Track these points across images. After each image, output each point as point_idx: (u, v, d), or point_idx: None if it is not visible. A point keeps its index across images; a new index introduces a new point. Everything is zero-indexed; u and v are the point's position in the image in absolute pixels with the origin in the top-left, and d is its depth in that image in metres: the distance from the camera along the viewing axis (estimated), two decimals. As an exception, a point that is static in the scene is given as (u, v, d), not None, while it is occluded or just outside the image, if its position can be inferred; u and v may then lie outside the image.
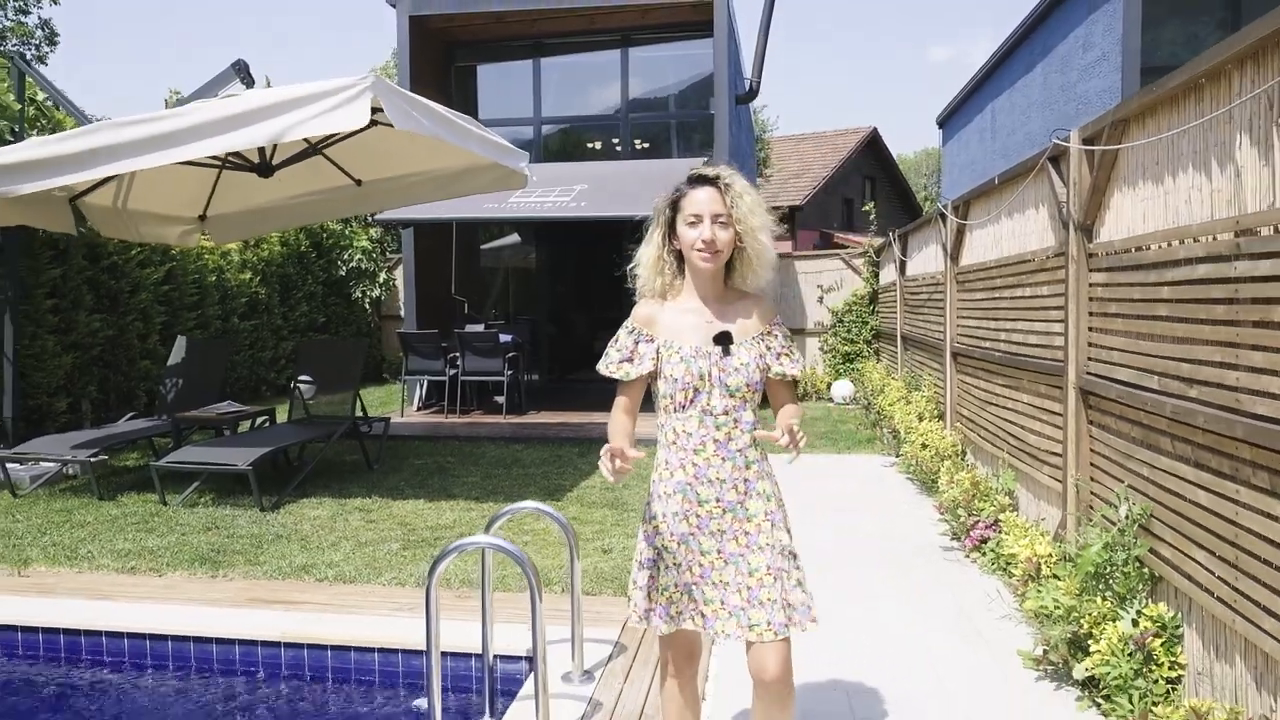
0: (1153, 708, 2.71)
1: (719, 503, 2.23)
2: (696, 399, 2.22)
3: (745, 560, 2.22)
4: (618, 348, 2.31)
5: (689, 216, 2.20)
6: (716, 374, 2.21)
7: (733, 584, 2.22)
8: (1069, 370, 4.02)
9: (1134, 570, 3.25)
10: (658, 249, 2.30)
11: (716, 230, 2.18)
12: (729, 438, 2.22)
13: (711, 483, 2.23)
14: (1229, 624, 2.66)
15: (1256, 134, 2.51)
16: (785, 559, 2.24)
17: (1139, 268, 3.30)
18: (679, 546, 2.25)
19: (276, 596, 4.36)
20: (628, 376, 2.28)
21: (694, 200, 2.20)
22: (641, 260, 2.33)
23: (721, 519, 2.23)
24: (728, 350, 2.21)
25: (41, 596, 4.40)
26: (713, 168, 2.25)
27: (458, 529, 5.47)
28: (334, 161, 7.36)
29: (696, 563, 2.25)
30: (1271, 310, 2.40)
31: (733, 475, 2.23)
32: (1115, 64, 9.13)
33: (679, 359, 2.22)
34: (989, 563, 4.64)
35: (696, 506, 2.24)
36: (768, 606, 2.18)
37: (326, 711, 3.71)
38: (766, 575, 2.20)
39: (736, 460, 2.23)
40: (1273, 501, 2.41)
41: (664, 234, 2.29)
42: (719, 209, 2.18)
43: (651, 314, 2.29)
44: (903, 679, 3.37)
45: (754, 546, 2.22)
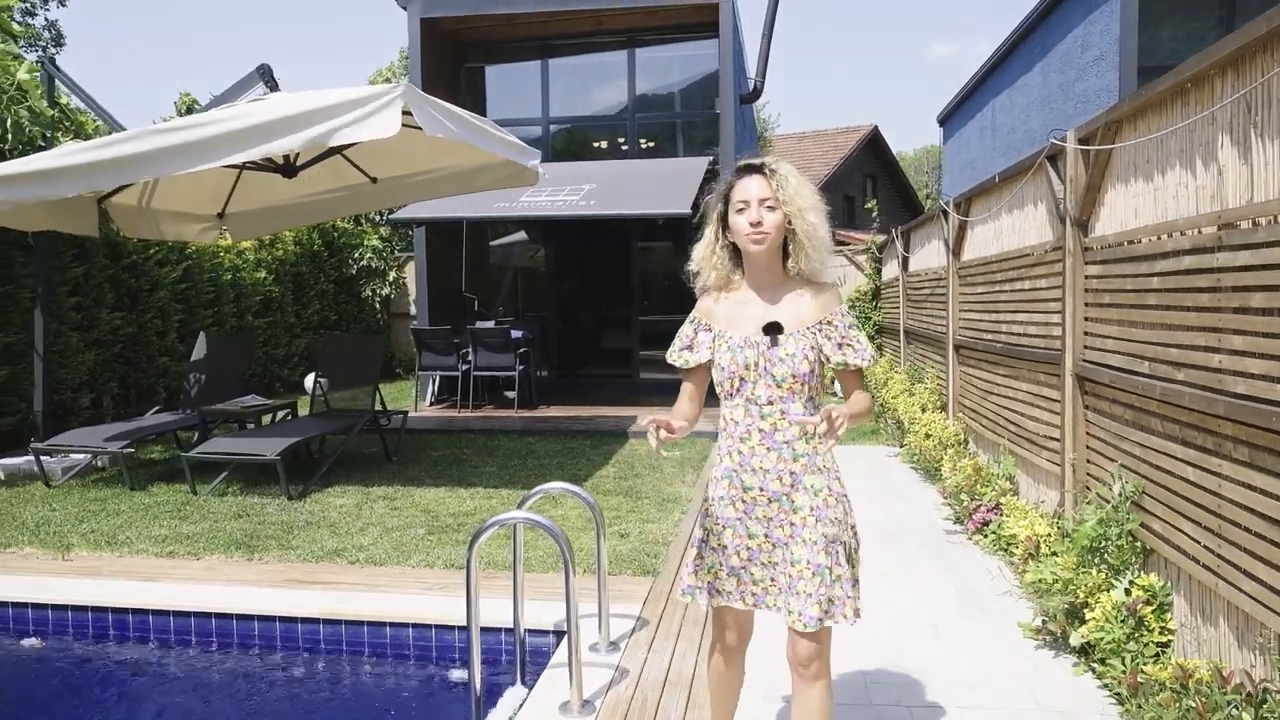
0: (1143, 668, 2.92)
1: (763, 491, 2.25)
2: (742, 388, 2.25)
3: (789, 549, 2.24)
4: (680, 337, 2.38)
5: (738, 204, 2.23)
6: (763, 364, 2.23)
7: (780, 565, 2.25)
8: (1066, 358, 4.24)
9: (1127, 543, 3.46)
10: (711, 243, 2.33)
11: (764, 212, 2.20)
12: (774, 428, 2.24)
13: (755, 471, 2.25)
14: (1213, 589, 2.87)
15: (1236, 134, 2.72)
16: (829, 555, 2.22)
17: (1131, 260, 3.51)
18: (725, 530, 2.29)
19: (312, 577, 4.58)
20: (686, 364, 2.35)
21: (742, 188, 2.23)
22: (696, 256, 2.36)
23: (768, 507, 2.25)
24: (775, 341, 2.22)
25: (87, 578, 4.61)
26: (758, 157, 2.30)
27: (479, 515, 5.68)
28: (351, 160, 7.58)
29: (744, 546, 2.28)
30: (1250, 297, 2.61)
31: (777, 466, 2.24)
32: (1113, 63, 9.34)
33: (727, 348, 2.27)
34: (991, 544, 4.85)
35: (742, 492, 2.27)
36: (802, 598, 2.19)
37: (366, 682, 3.93)
38: (806, 569, 2.21)
39: (783, 452, 2.23)
40: (1252, 473, 2.63)
41: (717, 229, 2.32)
42: (766, 193, 2.20)
43: (710, 305, 2.35)
44: (910, 650, 3.59)
45: (799, 539, 2.23)
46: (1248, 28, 2.59)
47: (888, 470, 7.16)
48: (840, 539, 2.25)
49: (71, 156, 5.44)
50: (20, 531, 5.43)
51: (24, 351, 8.36)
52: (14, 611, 4.40)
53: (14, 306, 8.29)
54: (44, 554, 5.04)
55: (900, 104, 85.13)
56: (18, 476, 6.99)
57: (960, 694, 3.19)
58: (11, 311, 8.26)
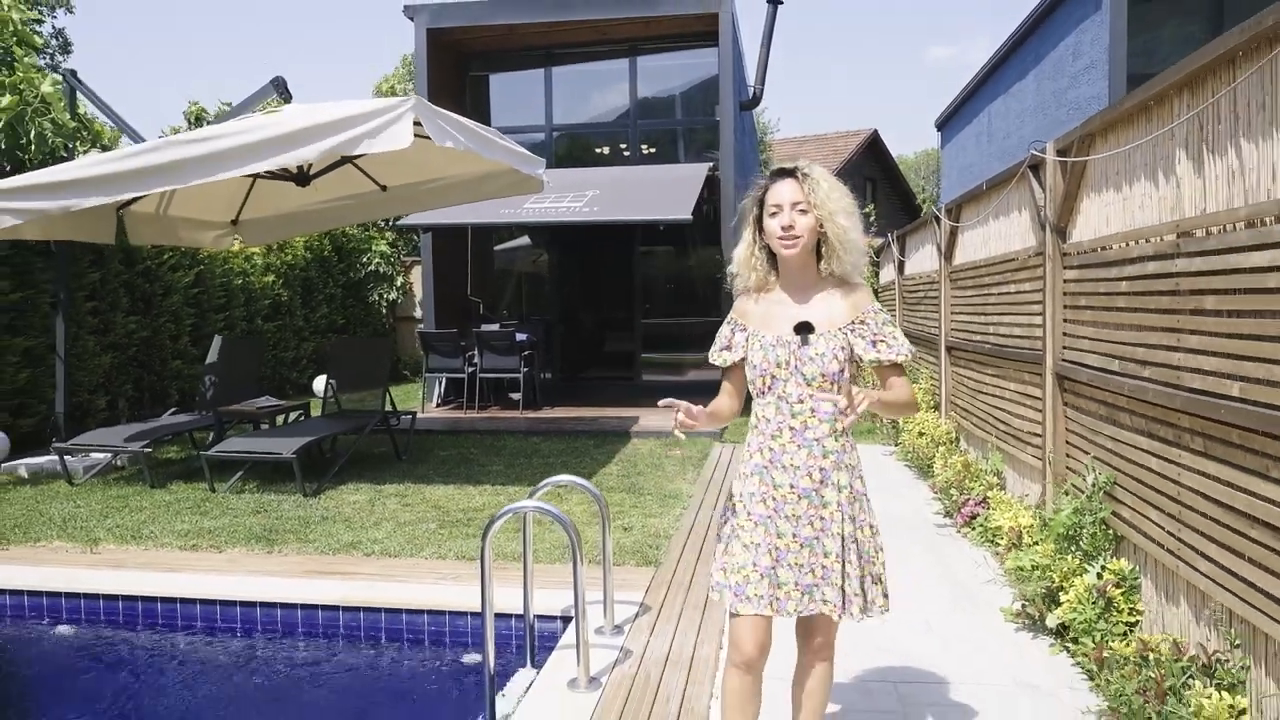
0: (1109, 643, 3.14)
1: (793, 489, 2.28)
2: (774, 386, 2.29)
3: (820, 543, 2.28)
4: (719, 337, 2.45)
5: (770, 208, 2.28)
6: (794, 362, 2.27)
7: (807, 565, 2.28)
8: (1047, 358, 4.46)
9: (1100, 531, 3.68)
10: (749, 246, 2.37)
11: (796, 216, 2.25)
12: (805, 426, 2.28)
13: (786, 469, 2.29)
14: (1175, 570, 3.09)
15: (1192, 150, 2.95)
16: (853, 551, 2.30)
17: (1103, 265, 3.74)
18: (756, 528, 2.30)
19: (331, 569, 4.81)
20: (725, 363, 2.42)
21: (775, 192, 2.28)
22: (735, 259, 2.42)
23: (797, 504, 2.28)
24: (806, 340, 2.26)
25: (116, 569, 4.84)
26: (791, 161, 2.36)
27: (488, 511, 5.91)
28: (361, 169, 7.81)
29: (773, 545, 2.28)
30: (1203, 300, 2.83)
31: (807, 463, 2.27)
32: (1103, 72, 9.57)
33: (759, 346, 2.32)
34: (978, 536, 5.08)
35: (773, 490, 2.30)
36: (836, 589, 2.27)
37: (384, 665, 4.16)
38: (836, 561, 2.27)
39: (813, 449, 2.27)
40: (1206, 462, 2.85)
41: (754, 231, 2.36)
42: (798, 197, 2.25)
43: (746, 306, 2.41)
44: (898, 635, 3.80)
45: (829, 532, 2.28)
46: (1201, 51, 2.82)
47: (883, 468, 7.38)
48: (856, 537, 2.32)
49: (98, 167, 5.67)
50: (48, 526, 5.66)
51: (43, 355, 8.60)
52: (48, 600, 4.64)
53: (34, 311, 8.53)
54: (73, 547, 5.27)
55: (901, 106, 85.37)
56: (41, 475, 7.22)
57: (943, 672, 3.42)
58: (31, 316, 8.50)
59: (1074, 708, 3.10)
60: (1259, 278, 2.49)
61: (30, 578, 4.74)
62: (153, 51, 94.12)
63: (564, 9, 11.11)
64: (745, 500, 2.34)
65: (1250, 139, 2.58)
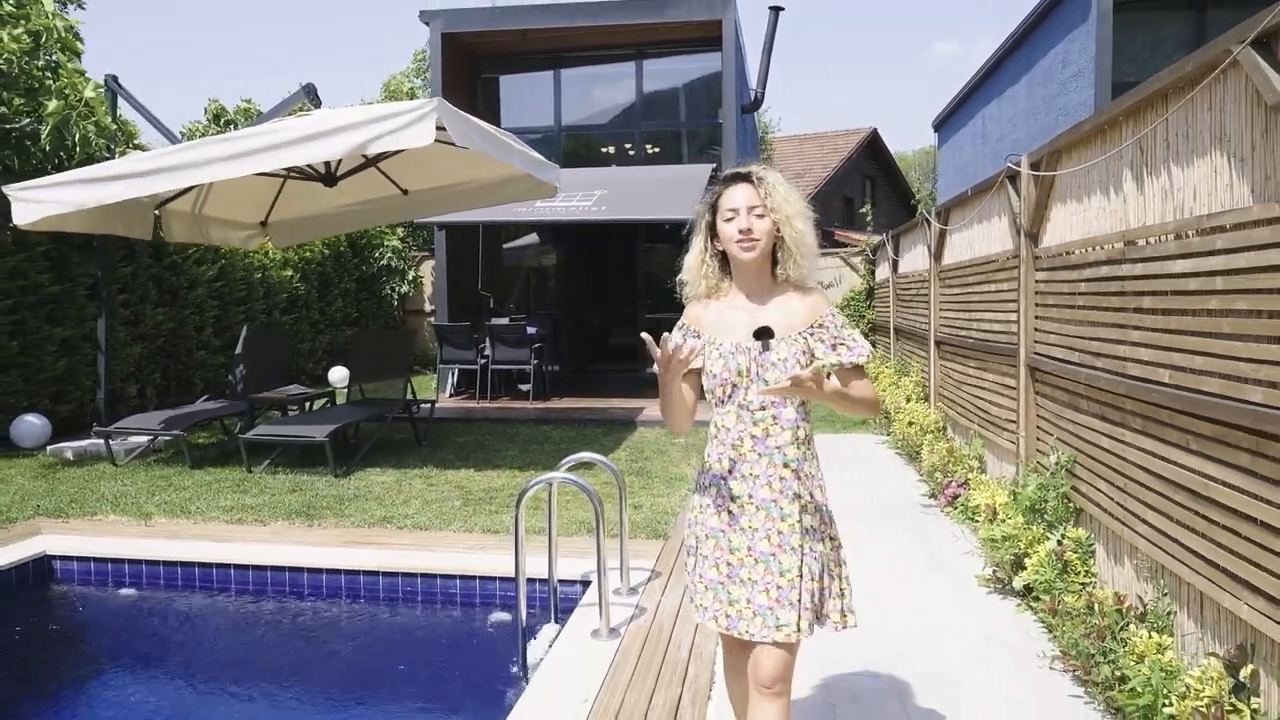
0: (1063, 598, 3.60)
1: (751, 499, 2.20)
2: (734, 394, 2.23)
3: (776, 560, 2.17)
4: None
5: (726, 212, 2.23)
6: (755, 369, 2.20)
7: (760, 583, 2.16)
8: (1021, 351, 4.92)
9: (1061, 504, 4.15)
10: (700, 252, 2.33)
11: (753, 219, 2.20)
12: (766, 434, 2.21)
13: (745, 478, 2.22)
14: (1120, 535, 3.56)
15: (1135, 170, 3.41)
16: (819, 563, 2.22)
17: (1066, 268, 4.20)
18: (707, 540, 2.25)
19: (368, 540, 5.28)
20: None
21: (730, 196, 2.24)
22: (686, 266, 2.36)
23: (755, 515, 2.20)
24: (767, 346, 2.20)
25: (171, 540, 5.31)
26: (745, 165, 2.31)
27: (507, 490, 6.38)
28: (384, 173, 8.25)
29: (725, 560, 2.21)
30: (1142, 300, 3.30)
31: (768, 472, 2.20)
32: (1089, 80, 10.01)
33: (719, 354, 2.24)
34: (959, 514, 5.54)
35: (729, 501, 2.23)
36: (797, 608, 2.14)
37: (421, 623, 4.63)
38: (796, 577, 2.16)
39: (774, 457, 2.20)
40: (1144, 439, 3.31)
41: (706, 237, 2.32)
42: (754, 201, 2.21)
43: (699, 312, 2.34)
44: (885, 598, 4.27)
45: (786, 547, 2.17)
46: (1143, 85, 3.28)
47: (875, 455, 7.85)
48: (817, 550, 2.23)
49: (148, 161, 6.10)
50: (102, 503, 6.12)
51: (79, 345, 9.06)
52: (112, 566, 5.10)
53: (70, 303, 8.99)
54: (127, 520, 5.74)
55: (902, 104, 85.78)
56: (85, 457, 7.69)
57: (922, 628, 3.88)
58: (69, 308, 8.96)
59: (1032, 653, 3.57)
60: (1181, 282, 2.95)
61: (94, 546, 5.21)
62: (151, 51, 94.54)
63: (574, 15, 11.55)
64: (702, 511, 2.29)
65: (1178, 164, 3.04)
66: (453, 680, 4.09)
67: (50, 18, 7.36)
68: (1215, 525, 2.77)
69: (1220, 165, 2.76)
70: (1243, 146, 2.62)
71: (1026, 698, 3.20)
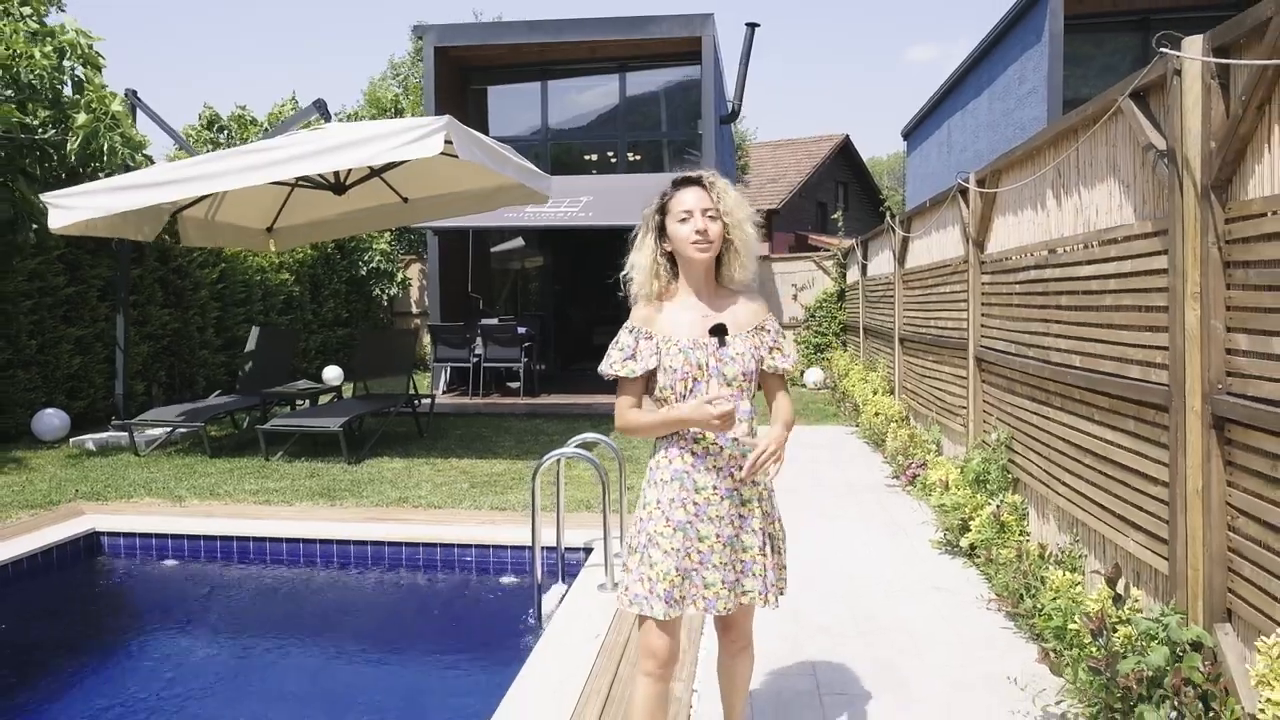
0: (998, 551, 4.25)
1: (715, 490, 2.30)
2: (695, 389, 2.29)
3: (740, 540, 2.34)
4: (620, 347, 2.36)
5: (679, 214, 2.28)
6: (713, 364, 2.28)
7: (730, 563, 2.32)
8: (970, 345, 5.59)
9: (1001, 475, 4.81)
10: (651, 253, 2.36)
11: (707, 222, 2.27)
12: None
13: (709, 471, 2.30)
14: (1046, 497, 4.22)
15: (1055, 189, 4.07)
16: (771, 543, 2.41)
17: (1005, 271, 4.87)
18: (675, 533, 2.29)
19: (387, 516, 5.84)
20: (633, 373, 2.33)
21: (682, 200, 2.30)
22: (636, 265, 2.38)
23: (720, 505, 2.30)
24: (723, 341, 2.27)
25: (208, 518, 5.84)
26: (695, 170, 2.37)
27: (509, 475, 6.96)
28: (387, 181, 8.80)
29: (695, 549, 2.30)
30: (1060, 298, 3.96)
31: (729, 464, 2.30)
32: (1043, 96, 10.76)
33: (677, 350, 2.29)
34: (918, 491, 6.19)
35: (694, 494, 2.30)
36: (758, 578, 2.35)
37: (440, 586, 5.20)
38: (759, 554, 2.35)
39: (734, 448, 2.30)
40: (1063, 415, 3.97)
41: (655, 238, 2.35)
42: (707, 204, 2.27)
43: (649, 313, 2.36)
44: (852, 558, 4.91)
45: (748, 529, 2.34)
46: (1062, 119, 3.94)
47: (844, 444, 8.51)
48: (769, 531, 2.41)
49: (175, 170, 6.61)
50: (134, 487, 6.63)
51: (92, 344, 9.52)
52: (156, 541, 5.63)
53: (83, 303, 9.45)
54: (162, 502, 6.26)
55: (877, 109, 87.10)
56: (107, 448, 8.17)
57: (881, 582, 4.52)
58: (82, 308, 9.42)
59: (973, 597, 4.22)
60: (1086, 284, 3.61)
61: (137, 524, 5.72)
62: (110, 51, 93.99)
63: (562, 31, 12.16)
64: (664, 507, 2.32)
65: (1086, 186, 3.71)
66: (477, 630, 4.67)
67: (74, 35, 7.84)
68: (1112, 480, 3.43)
69: (1114, 189, 3.42)
70: (1128, 175, 3.28)
71: (967, 630, 3.85)
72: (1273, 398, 2.38)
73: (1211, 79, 2.59)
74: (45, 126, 7.62)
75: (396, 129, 6.28)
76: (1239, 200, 2.54)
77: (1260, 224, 2.42)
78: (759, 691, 3.24)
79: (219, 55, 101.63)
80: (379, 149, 6.23)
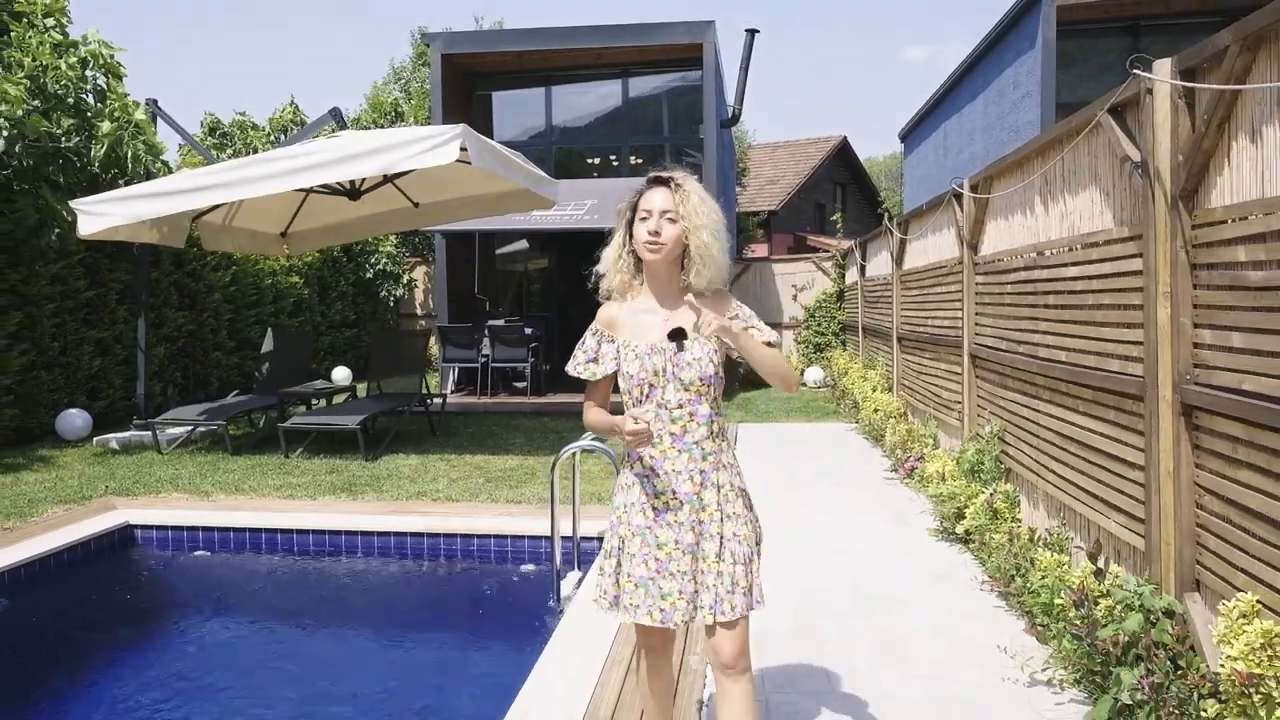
0: (991, 535, 4.52)
1: (675, 495, 2.28)
2: (652, 393, 2.29)
3: (699, 547, 2.28)
4: (584, 349, 2.41)
5: (641, 213, 2.30)
6: (670, 369, 2.28)
7: (690, 572, 2.27)
8: (964, 342, 5.86)
9: (994, 465, 5.08)
10: (618, 249, 2.38)
11: (664, 224, 2.27)
12: (684, 430, 2.29)
13: (667, 474, 2.28)
14: (1035, 485, 4.49)
15: (1043, 196, 4.34)
16: (738, 545, 2.29)
17: (997, 272, 5.13)
18: (634, 538, 2.31)
19: (408, 509, 6.10)
20: (594, 376, 2.38)
21: (647, 199, 2.31)
22: (604, 259, 2.41)
23: (679, 511, 2.28)
24: (681, 346, 2.26)
25: (235, 511, 6.10)
26: (668, 170, 2.36)
27: (522, 470, 7.22)
28: (400, 188, 9.05)
29: (653, 556, 2.28)
30: (1047, 298, 4.23)
31: (688, 467, 2.28)
32: (1036, 101, 11.04)
33: (634, 356, 2.31)
34: (916, 483, 6.46)
35: (654, 498, 2.29)
36: (714, 590, 2.24)
37: (461, 574, 5.46)
38: (715, 561, 2.26)
39: (693, 452, 2.28)
40: (1051, 407, 4.24)
41: (624, 235, 2.37)
42: (668, 206, 2.28)
43: (613, 316, 2.38)
44: (853, 547, 5.17)
45: (707, 534, 2.28)
46: (1048, 130, 4.21)
47: (845, 439, 8.78)
48: (739, 533, 2.31)
49: (200, 178, 6.86)
50: (161, 483, 6.88)
51: (111, 346, 9.77)
52: (187, 533, 5.89)
53: (103, 307, 9.70)
54: (189, 497, 6.51)
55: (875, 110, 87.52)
56: (129, 446, 8.42)
57: (882, 565, 4.79)
58: (101, 311, 9.68)
59: (968, 578, 4.48)
60: (1071, 284, 3.88)
61: (168, 517, 5.98)
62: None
63: (567, 39, 12.42)
64: (627, 510, 2.34)
65: (1070, 194, 3.97)
66: (501, 613, 4.95)
67: (97, 46, 8.10)
68: (1095, 466, 3.69)
69: (1095, 197, 3.69)
70: (1108, 184, 3.55)
71: (962, 609, 4.11)
72: (1232, 386, 2.65)
73: (1179, 99, 2.86)
74: (69, 135, 7.87)
75: (413, 138, 6.52)
76: (1204, 209, 2.81)
77: (1221, 230, 2.69)
78: (767, 661, 3.51)
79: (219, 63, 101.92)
80: (397, 157, 6.46)
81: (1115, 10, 11.73)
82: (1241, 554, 2.63)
